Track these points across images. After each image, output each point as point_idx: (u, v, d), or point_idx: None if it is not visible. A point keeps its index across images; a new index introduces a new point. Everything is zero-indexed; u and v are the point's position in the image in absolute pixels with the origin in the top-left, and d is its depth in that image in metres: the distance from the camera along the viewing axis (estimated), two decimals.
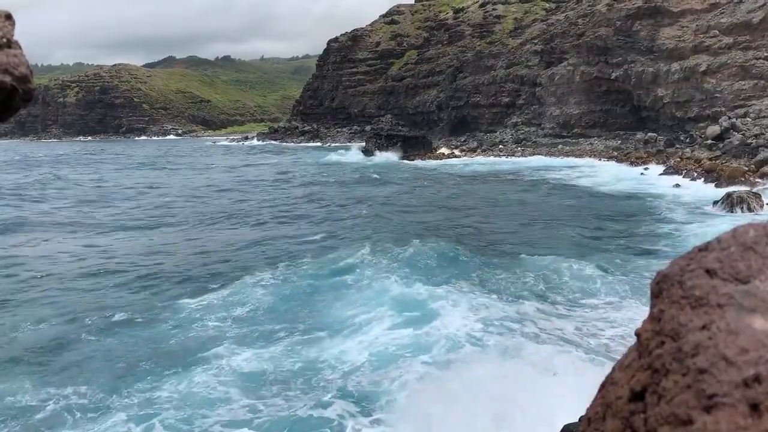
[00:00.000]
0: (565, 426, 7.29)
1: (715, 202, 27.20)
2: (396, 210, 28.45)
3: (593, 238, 21.14)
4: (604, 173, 42.36)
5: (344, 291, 14.87)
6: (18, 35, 1.46)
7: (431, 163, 56.10)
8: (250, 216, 27.65)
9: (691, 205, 27.88)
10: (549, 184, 37.88)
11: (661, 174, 40.00)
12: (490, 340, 11.48)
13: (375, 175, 44.81)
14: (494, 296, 14.26)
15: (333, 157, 61.09)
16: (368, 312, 13.09)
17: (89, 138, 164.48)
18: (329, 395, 9.75)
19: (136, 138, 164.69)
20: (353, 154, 60.96)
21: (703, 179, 36.06)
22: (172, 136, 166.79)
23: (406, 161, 57.08)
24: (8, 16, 1.39)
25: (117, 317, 13.62)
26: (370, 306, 13.44)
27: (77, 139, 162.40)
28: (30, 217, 28.70)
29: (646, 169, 43.25)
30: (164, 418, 9.13)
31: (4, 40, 1.31)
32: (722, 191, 29.30)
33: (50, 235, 24.24)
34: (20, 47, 1.37)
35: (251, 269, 17.17)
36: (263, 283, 15.61)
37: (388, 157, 57.91)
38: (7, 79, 1.26)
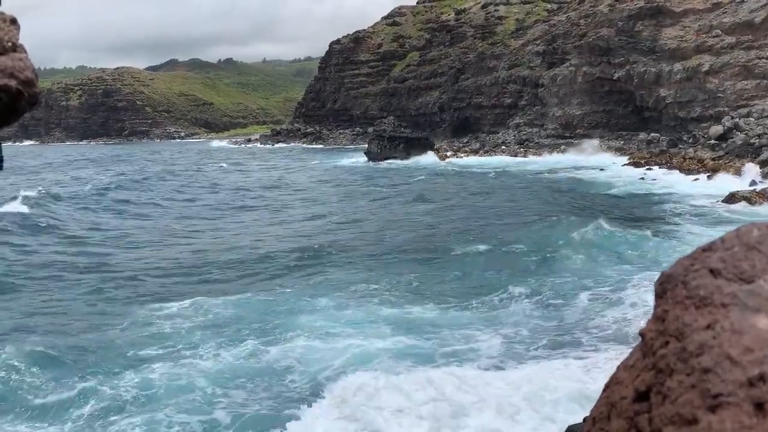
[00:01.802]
0: (569, 426, 7.28)
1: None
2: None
3: None
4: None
5: None
6: (21, 38, 1.47)
7: (442, 163, 56.57)
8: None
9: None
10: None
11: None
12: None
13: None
14: None
15: (344, 161, 61.06)
16: None
17: (92, 142, 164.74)
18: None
19: (142, 140, 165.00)
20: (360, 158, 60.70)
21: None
22: (177, 140, 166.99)
23: (408, 160, 57.03)
24: (13, 20, 1.40)
25: None
26: None
27: (83, 142, 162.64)
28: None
29: (649, 170, 43.11)
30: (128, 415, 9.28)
31: (10, 44, 1.32)
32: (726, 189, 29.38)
33: None
34: (25, 51, 1.38)
35: None
36: None
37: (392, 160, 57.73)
38: (13, 83, 1.27)
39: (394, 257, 19.21)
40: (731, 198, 27.54)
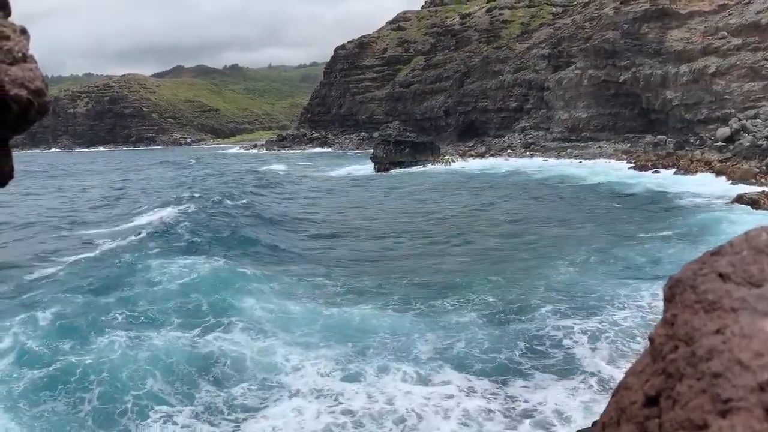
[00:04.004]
0: (578, 431, 7.24)
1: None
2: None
3: None
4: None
5: None
6: (30, 46, 1.48)
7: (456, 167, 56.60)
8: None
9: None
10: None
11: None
12: None
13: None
14: None
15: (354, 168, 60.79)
16: None
17: (101, 148, 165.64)
18: None
19: (151, 147, 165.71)
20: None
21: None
22: (183, 146, 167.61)
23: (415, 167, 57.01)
24: (23, 31, 1.41)
25: None
26: None
27: (94, 149, 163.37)
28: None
29: (656, 172, 42.94)
30: None
31: (20, 54, 1.33)
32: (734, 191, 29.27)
33: None
34: (35, 61, 1.39)
35: None
36: None
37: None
38: (23, 92, 1.28)
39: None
40: (739, 200, 27.43)
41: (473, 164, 59.39)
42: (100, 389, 10.03)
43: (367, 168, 59.09)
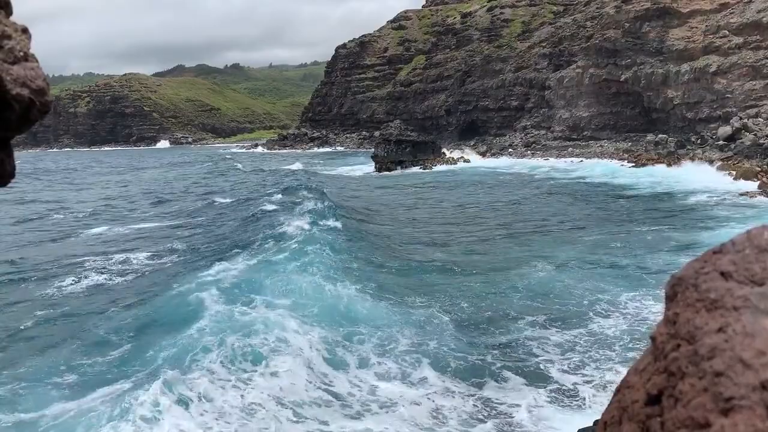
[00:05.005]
0: (579, 430, 7.24)
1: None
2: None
3: None
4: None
5: None
6: (32, 47, 1.48)
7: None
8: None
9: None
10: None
11: None
12: None
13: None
14: None
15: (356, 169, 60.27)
16: None
17: (105, 147, 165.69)
18: None
19: (153, 146, 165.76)
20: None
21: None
22: (186, 145, 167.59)
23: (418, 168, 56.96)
24: (25, 30, 1.41)
25: None
26: None
27: (98, 148, 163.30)
28: None
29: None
30: None
31: (21, 53, 1.33)
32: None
33: None
34: (37, 60, 1.39)
35: None
36: None
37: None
38: (25, 92, 1.28)
39: None
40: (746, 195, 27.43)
41: (489, 162, 59.47)
42: None
43: (364, 167, 59.14)
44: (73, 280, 17.63)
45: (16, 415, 9.43)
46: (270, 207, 28.26)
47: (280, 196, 32.49)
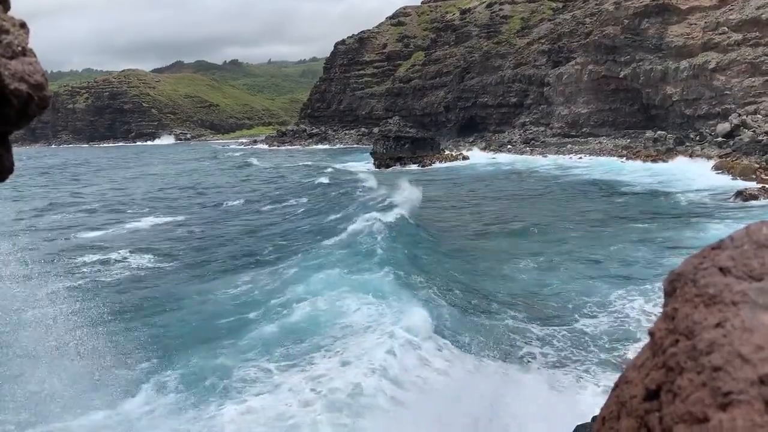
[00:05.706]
0: (578, 426, 7.24)
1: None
2: None
3: None
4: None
5: None
6: (30, 43, 1.48)
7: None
8: None
9: None
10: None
11: None
12: None
13: None
14: None
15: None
16: None
17: (103, 144, 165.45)
18: None
19: (151, 142, 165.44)
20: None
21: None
22: (184, 141, 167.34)
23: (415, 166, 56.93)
24: (23, 25, 1.41)
25: None
26: None
27: (97, 144, 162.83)
28: None
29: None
30: None
31: (20, 48, 1.33)
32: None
33: None
34: (35, 55, 1.39)
35: None
36: None
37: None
38: (23, 87, 1.28)
39: None
40: (739, 195, 27.44)
41: (488, 159, 59.48)
42: None
43: (362, 165, 59.04)
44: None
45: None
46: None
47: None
